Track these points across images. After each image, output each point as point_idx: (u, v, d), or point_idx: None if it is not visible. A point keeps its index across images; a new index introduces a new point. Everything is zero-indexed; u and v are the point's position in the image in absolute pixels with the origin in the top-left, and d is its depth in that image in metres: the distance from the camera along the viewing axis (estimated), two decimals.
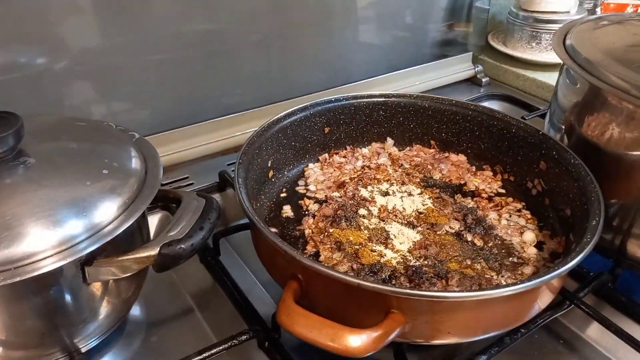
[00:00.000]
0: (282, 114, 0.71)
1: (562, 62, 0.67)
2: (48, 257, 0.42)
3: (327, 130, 0.76)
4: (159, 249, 0.46)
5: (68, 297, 0.47)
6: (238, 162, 0.61)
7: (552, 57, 1.10)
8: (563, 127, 0.69)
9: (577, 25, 0.73)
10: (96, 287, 0.49)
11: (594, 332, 0.61)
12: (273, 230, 0.65)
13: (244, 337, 0.55)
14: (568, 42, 0.69)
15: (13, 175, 0.46)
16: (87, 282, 0.47)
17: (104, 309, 0.51)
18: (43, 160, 0.48)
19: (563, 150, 0.64)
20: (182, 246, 0.46)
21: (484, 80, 1.16)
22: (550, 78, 1.09)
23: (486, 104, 1.11)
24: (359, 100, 0.76)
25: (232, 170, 0.82)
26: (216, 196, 0.82)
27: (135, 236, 0.53)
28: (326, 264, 0.58)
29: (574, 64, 0.64)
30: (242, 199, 0.53)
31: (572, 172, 0.62)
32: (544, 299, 0.52)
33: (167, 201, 0.55)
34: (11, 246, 0.42)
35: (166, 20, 0.80)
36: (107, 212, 0.47)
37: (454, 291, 0.43)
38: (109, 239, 0.45)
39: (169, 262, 0.46)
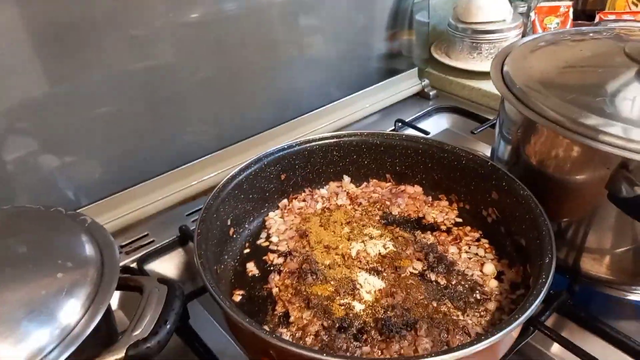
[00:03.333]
0: (236, 170, 0.70)
1: None
2: None
3: (283, 177, 0.76)
4: (125, 351, 0.45)
5: None
6: (197, 232, 0.60)
7: None
8: (511, 139, 0.70)
9: (514, 50, 0.75)
10: None
11: (558, 350, 0.64)
12: (240, 292, 0.65)
13: None
14: (505, 68, 0.71)
15: None
16: None
17: None
18: None
19: (512, 181, 0.66)
20: (149, 345, 0.46)
21: (431, 93, 1.18)
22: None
23: (436, 117, 1.13)
24: (311, 144, 0.77)
25: (193, 230, 0.80)
26: (179, 251, 0.81)
27: (101, 328, 0.51)
28: (297, 325, 0.59)
29: (510, 95, 0.65)
30: (207, 283, 0.53)
31: (522, 204, 0.64)
32: (509, 339, 0.55)
33: (128, 289, 0.54)
34: None
35: (106, 64, 0.77)
36: (71, 314, 0.45)
37: (423, 356, 0.45)
38: (77, 343, 0.44)
39: None
